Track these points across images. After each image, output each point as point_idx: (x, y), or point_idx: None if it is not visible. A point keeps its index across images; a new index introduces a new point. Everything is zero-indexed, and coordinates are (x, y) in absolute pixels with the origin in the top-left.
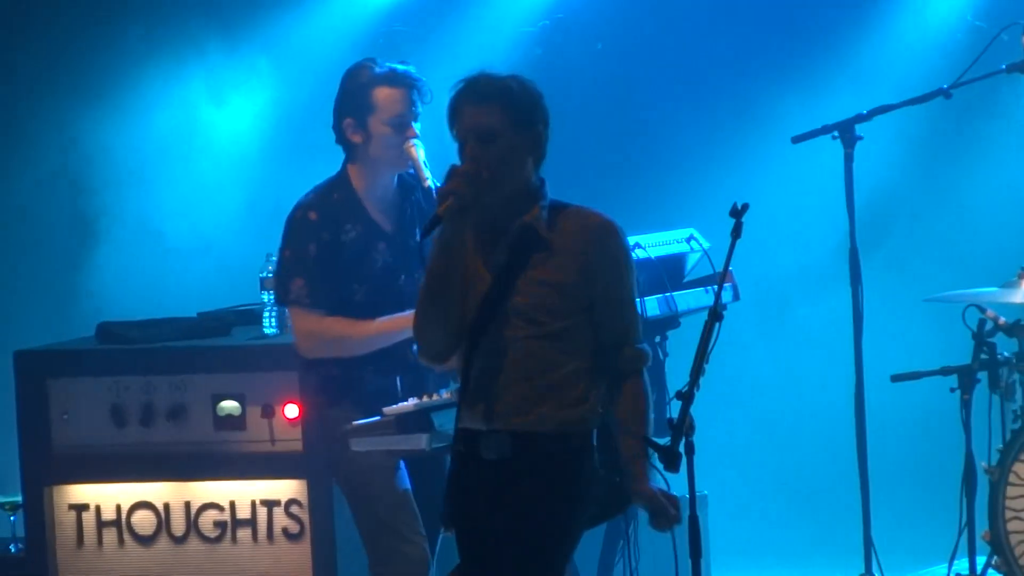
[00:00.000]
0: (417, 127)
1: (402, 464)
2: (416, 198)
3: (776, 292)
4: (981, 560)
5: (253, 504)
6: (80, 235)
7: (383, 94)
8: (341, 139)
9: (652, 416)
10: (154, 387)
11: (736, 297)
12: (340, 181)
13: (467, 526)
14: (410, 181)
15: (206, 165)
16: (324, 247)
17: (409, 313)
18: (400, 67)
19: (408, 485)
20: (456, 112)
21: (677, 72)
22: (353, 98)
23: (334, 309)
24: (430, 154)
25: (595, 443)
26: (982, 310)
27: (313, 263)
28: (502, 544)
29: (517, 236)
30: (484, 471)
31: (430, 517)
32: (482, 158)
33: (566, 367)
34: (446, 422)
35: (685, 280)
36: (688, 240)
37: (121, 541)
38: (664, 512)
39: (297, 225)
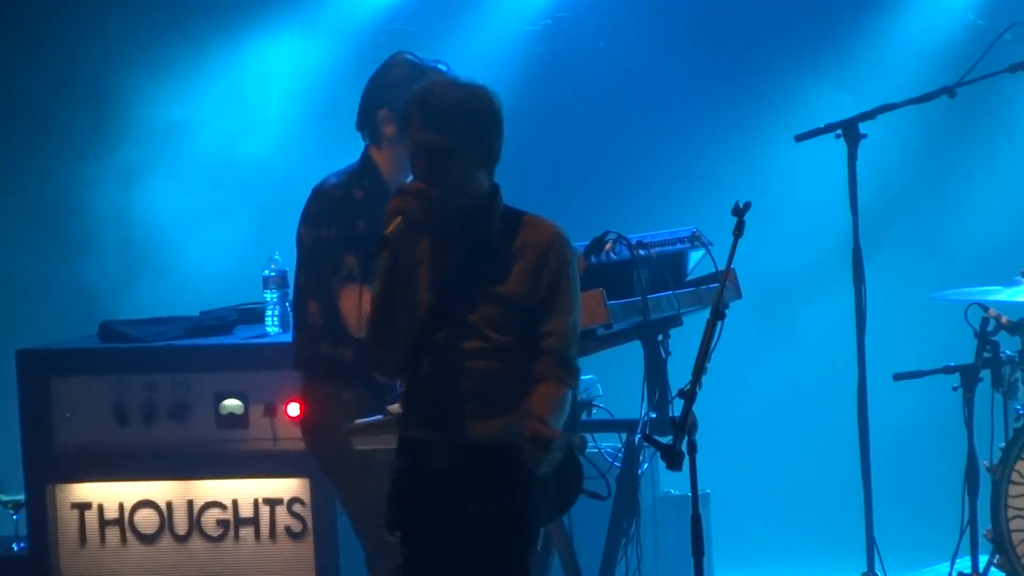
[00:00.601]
0: None
1: None
2: None
3: (779, 290)
4: (983, 558)
5: (256, 503)
6: (83, 233)
7: None
8: (368, 124)
9: (560, 420)
10: (156, 386)
11: (739, 295)
12: (367, 166)
13: (414, 533)
14: None
15: (206, 165)
16: (370, 225)
17: None
18: (442, 66)
19: None
20: (407, 122)
21: (679, 71)
22: (395, 92)
23: None
24: None
25: None
26: (985, 308)
27: (362, 240)
28: (456, 555)
29: (470, 250)
30: (431, 481)
31: None
32: (432, 178)
33: (513, 382)
34: None
35: (687, 278)
36: (691, 238)
37: (124, 540)
38: (536, 440)
39: (340, 203)
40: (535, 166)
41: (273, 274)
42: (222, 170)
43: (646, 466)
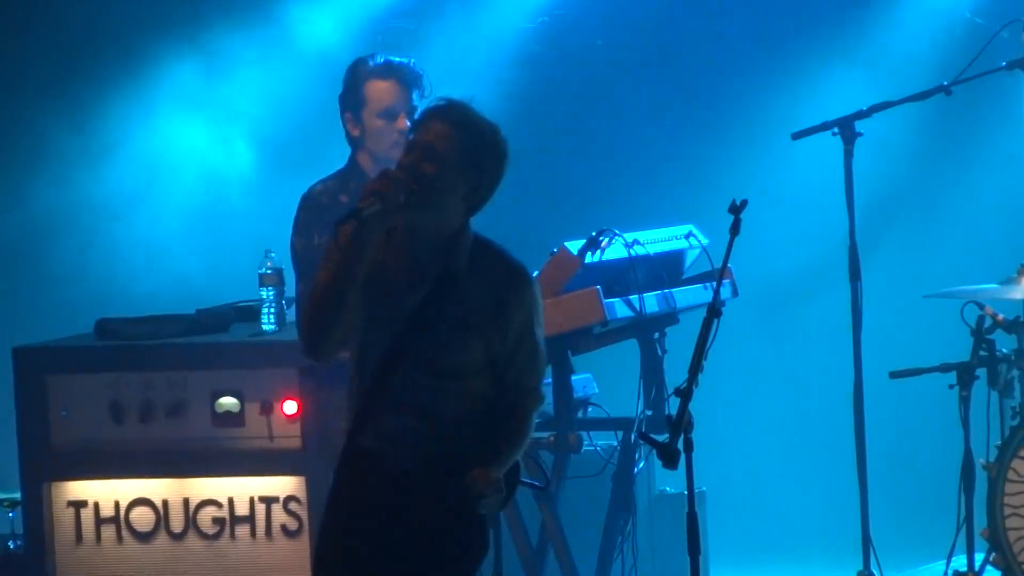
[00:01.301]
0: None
1: None
2: None
3: (775, 289)
4: (979, 557)
5: (252, 501)
6: (79, 231)
7: (374, 87)
8: (345, 134)
9: (512, 456)
10: (153, 384)
11: (735, 294)
12: (353, 171)
13: (350, 540)
14: None
15: (205, 165)
16: None
17: None
18: (395, 59)
19: None
20: (423, 120)
21: (676, 68)
22: (349, 93)
23: None
24: None
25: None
26: (981, 307)
27: None
28: (410, 561)
29: (436, 284)
30: (380, 489)
31: None
32: (419, 173)
33: (471, 409)
34: None
35: (684, 276)
36: (687, 236)
37: (120, 538)
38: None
39: (328, 210)
40: (531, 164)
41: (269, 272)
42: (220, 169)
43: (642, 464)
